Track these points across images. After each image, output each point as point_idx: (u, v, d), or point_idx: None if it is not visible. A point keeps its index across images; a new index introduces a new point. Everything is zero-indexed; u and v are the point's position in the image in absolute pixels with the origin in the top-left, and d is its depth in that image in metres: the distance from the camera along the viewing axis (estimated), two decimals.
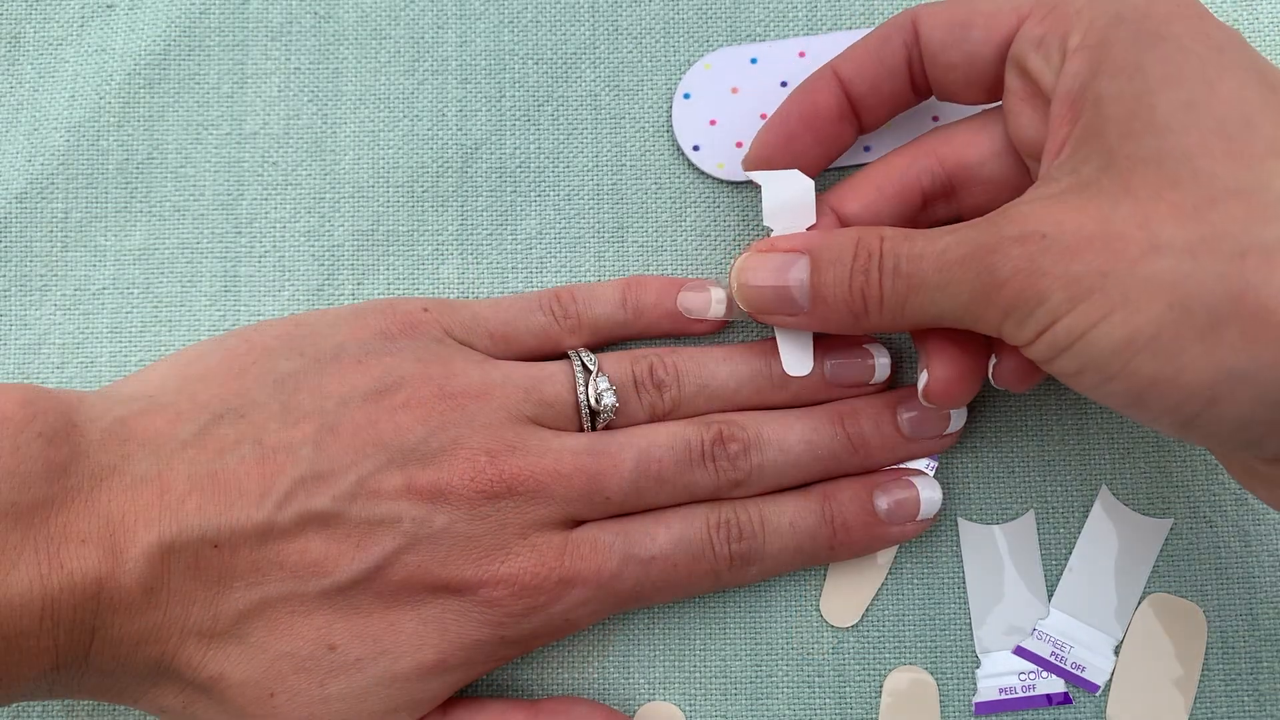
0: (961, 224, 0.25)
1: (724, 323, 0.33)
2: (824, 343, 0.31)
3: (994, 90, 0.29)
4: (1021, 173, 0.29)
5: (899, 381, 0.33)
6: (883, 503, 0.31)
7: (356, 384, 0.29)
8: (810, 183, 0.30)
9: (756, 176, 0.30)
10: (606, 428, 0.31)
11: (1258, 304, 0.21)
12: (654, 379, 0.31)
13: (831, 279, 0.28)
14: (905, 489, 0.31)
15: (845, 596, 0.33)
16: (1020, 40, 0.27)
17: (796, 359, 0.31)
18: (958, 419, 0.31)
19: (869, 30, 0.30)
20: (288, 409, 0.28)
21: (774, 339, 0.31)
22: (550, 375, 0.30)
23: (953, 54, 0.28)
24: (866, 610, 0.33)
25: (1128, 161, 0.23)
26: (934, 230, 0.26)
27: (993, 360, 0.29)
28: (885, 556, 0.33)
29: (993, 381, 0.29)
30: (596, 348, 0.32)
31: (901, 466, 0.32)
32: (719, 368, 0.31)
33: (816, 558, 0.31)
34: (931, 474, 0.32)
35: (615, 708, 0.32)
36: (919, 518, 0.31)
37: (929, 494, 0.31)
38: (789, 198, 0.30)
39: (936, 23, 0.29)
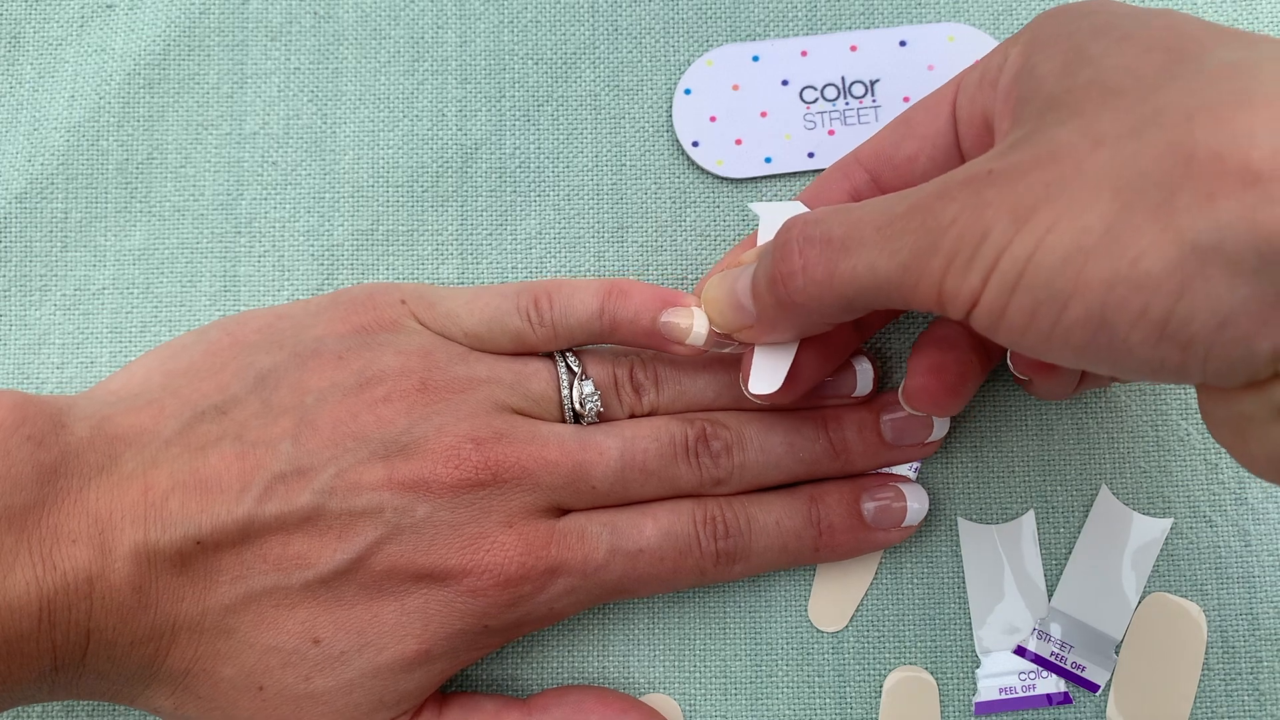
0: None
1: (702, 351, 0.30)
2: (807, 368, 0.29)
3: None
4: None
5: (887, 385, 0.33)
6: (870, 507, 0.31)
7: (336, 379, 0.29)
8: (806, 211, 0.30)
9: (756, 208, 0.29)
10: None
11: (1210, 156, 0.18)
12: (633, 382, 0.31)
13: (762, 270, 0.26)
14: (892, 495, 0.31)
15: (832, 601, 0.33)
16: (963, 90, 0.27)
17: (764, 377, 0.28)
18: (940, 427, 0.31)
19: (869, 32, 0.30)
20: (268, 405, 0.28)
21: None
22: (535, 372, 0.30)
23: (904, 149, 0.28)
24: (862, 612, 0.33)
25: (1067, 95, 0.22)
26: (877, 198, 0.24)
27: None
28: (871, 562, 0.33)
29: (1014, 370, 0.29)
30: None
31: (886, 472, 0.32)
32: (699, 375, 0.31)
33: (802, 558, 0.31)
34: (914, 476, 0.32)
35: None
36: (904, 524, 0.31)
37: (915, 501, 0.31)
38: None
39: (876, 145, 0.29)
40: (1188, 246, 0.19)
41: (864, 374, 0.31)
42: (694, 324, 0.29)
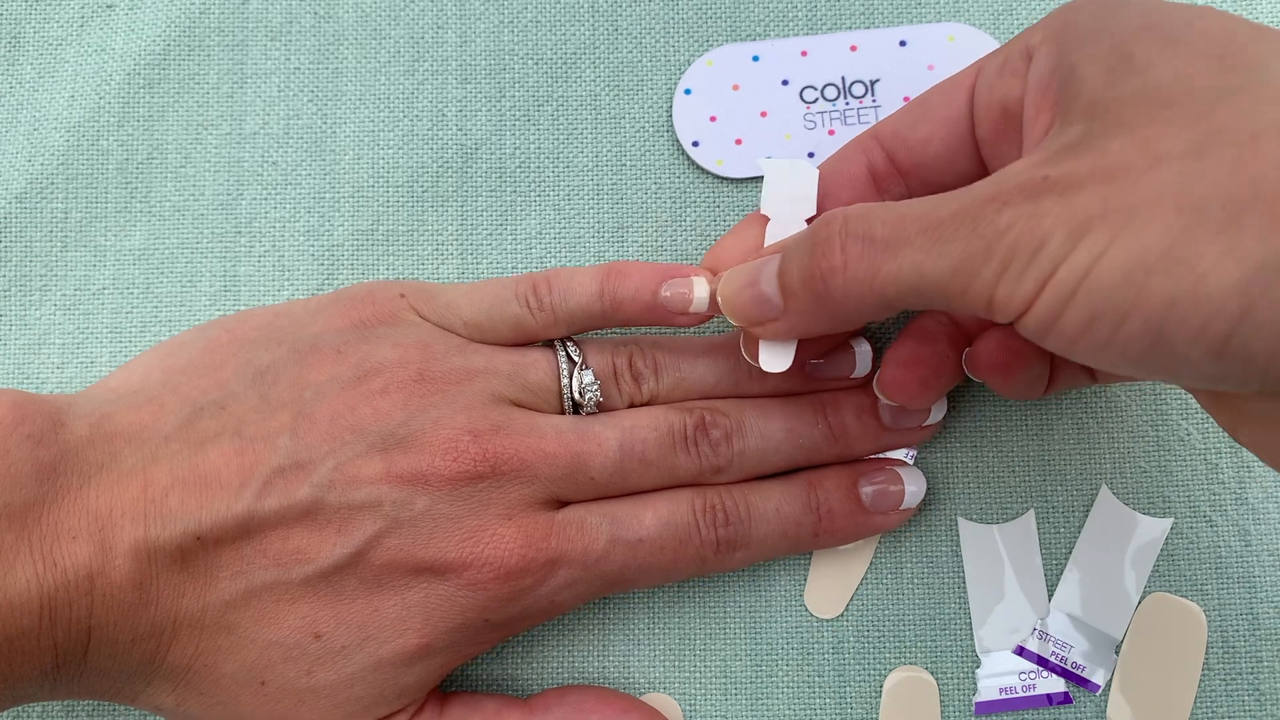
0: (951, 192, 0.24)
1: (707, 317, 0.30)
2: (805, 345, 0.30)
3: (975, 161, 0.28)
4: (973, 160, 0.28)
5: None
6: (868, 491, 0.31)
7: (334, 373, 0.29)
8: (815, 172, 0.30)
9: (763, 163, 0.30)
10: None
11: None
12: (633, 370, 0.31)
13: (795, 264, 0.26)
14: (890, 479, 0.31)
15: (829, 588, 0.33)
16: (982, 78, 0.27)
17: (775, 356, 0.29)
18: (938, 410, 0.32)
19: (869, 32, 0.30)
20: (267, 400, 0.28)
21: None
22: (534, 362, 0.30)
23: (919, 130, 0.28)
24: (862, 611, 0.33)
25: (1114, 104, 0.22)
26: (919, 198, 0.24)
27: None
28: (867, 548, 0.33)
29: (969, 372, 0.29)
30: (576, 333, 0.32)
31: (883, 456, 0.32)
32: (698, 361, 0.31)
33: (801, 544, 0.31)
34: (910, 460, 0.32)
35: None
36: (902, 507, 0.31)
37: (913, 484, 0.31)
38: (790, 187, 0.30)
39: (893, 123, 0.29)
40: (1253, 268, 0.19)
41: (863, 355, 0.31)
42: (695, 291, 0.30)
